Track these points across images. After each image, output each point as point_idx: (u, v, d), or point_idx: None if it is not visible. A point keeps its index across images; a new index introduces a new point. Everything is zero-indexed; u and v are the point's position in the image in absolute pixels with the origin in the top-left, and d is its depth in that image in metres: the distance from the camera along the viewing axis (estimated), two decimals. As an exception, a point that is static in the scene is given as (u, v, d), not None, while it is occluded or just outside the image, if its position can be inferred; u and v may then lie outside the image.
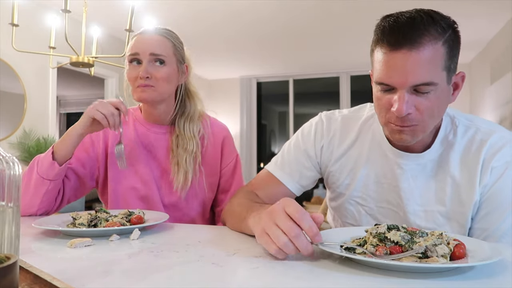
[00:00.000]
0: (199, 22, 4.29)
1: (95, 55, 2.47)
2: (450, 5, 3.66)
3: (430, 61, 0.76)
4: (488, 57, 4.89)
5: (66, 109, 8.10)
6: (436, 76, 0.77)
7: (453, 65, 0.81)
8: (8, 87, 3.42)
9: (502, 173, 0.87)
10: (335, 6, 3.87)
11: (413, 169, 0.92)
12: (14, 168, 0.52)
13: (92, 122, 1.08)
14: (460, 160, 0.89)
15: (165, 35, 1.18)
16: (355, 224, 1.01)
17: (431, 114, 0.80)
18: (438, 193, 0.91)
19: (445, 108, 0.85)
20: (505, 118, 4.21)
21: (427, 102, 0.79)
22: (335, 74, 6.48)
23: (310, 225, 0.65)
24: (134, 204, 1.20)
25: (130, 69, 1.15)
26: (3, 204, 0.50)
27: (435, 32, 0.77)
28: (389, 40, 0.78)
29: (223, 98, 6.99)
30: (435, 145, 0.91)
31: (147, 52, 1.13)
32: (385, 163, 0.95)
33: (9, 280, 0.40)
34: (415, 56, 0.76)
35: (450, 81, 0.82)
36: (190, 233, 0.92)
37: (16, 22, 2.09)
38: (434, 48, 0.76)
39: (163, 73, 1.15)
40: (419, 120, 0.81)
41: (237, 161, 1.32)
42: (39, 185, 1.07)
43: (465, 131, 0.91)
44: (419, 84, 0.77)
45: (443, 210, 0.91)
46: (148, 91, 1.14)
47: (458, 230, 0.91)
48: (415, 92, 0.79)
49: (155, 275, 0.58)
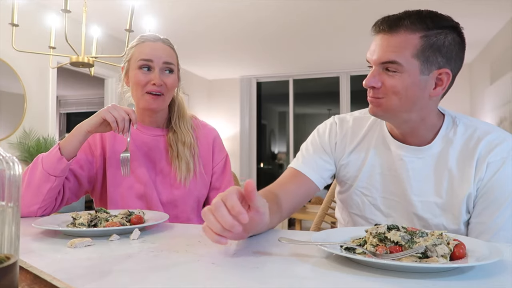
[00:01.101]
0: (199, 22, 4.29)
1: (95, 55, 2.47)
2: (450, 5, 3.66)
3: (399, 45, 0.89)
4: (488, 57, 4.89)
5: (66, 109, 8.10)
6: (401, 58, 0.88)
7: (434, 59, 0.89)
8: (8, 87, 3.42)
9: (499, 168, 0.91)
10: (335, 6, 3.87)
11: (413, 162, 0.99)
12: (14, 168, 0.52)
13: (102, 122, 1.11)
14: (457, 155, 0.96)
15: (170, 45, 1.26)
16: (359, 214, 1.08)
17: (395, 91, 0.91)
18: (436, 185, 0.97)
19: (417, 95, 0.92)
20: (505, 118, 4.21)
21: (392, 80, 0.91)
22: (335, 74, 6.48)
23: (233, 205, 0.64)
24: (133, 203, 1.21)
25: (140, 75, 1.19)
26: (3, 204, 0.50)
27: (415, 26, 0.89)
28: (375, 28, 0.94)
29: (223, 98, 6.98)
30: (436, 141, 0.98)
31: (161, 60, 1.20)
32: (389, 155, 1.03)
33: (9, 280, 0.40)
34: (388, 39, 0.90)
35: (426, 71, 0.90)
36: (190, 233, 0.92)
37: (16, 22, 2.09)
38: (408, 37, 0.89)
39: (172, 81, 1.22)
40: (385, 94, 0.93)
41: (227, 160, 1.38)
42: (44, 181, 1.08)
43: (465, 130, 0.97)
44: (385, 61, 0.90)
45: (439, 201, 0.96)
46: (158, 100, 1.21)
47: (452, 221, 0.95)
48: (385, 71, 0.91)
49: (155, 275, 0.58)
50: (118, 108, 1.12)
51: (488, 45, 4.89)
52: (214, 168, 1.34)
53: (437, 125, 0.99)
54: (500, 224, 0.89)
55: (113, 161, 1.23)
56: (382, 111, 0.95)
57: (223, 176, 1.34)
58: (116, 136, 1.25)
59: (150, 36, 1.25)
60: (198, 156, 1.30)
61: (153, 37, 1.24)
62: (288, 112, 6.85)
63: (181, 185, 1.24)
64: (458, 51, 0.92)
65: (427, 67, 0.90)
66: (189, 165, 1.25)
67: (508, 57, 4.11)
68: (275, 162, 7.72)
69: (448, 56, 0.90)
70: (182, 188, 1.24)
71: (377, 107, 0.96)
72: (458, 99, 5.73)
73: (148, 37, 1.24)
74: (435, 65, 0.90)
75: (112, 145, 1.25)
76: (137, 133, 1.26)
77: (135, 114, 1.14)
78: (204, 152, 1.32)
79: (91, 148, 1.25)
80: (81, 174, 1.21)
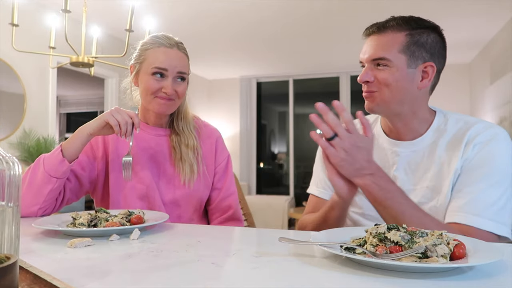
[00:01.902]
0: (199, 22, 4.29)
1: (95, 55, 2.48)
2: (450, 5, 3.66)
3: (386, 43, 1.01)
4: (488, 57, 4.89)
5: (66, 109, 8.10)
6: (390, 54, 0.99)
7: (420, 54, 1.00)
8: (8, 87, 3.42)
9: (483, 148, 0.97)
10: (335, 7, 3.87)
11: (408, 155, 1.06)
12: (14, 168, 0.52)
13: (105, 126, 1.11)
14: (447, 143, 1.03)
15: (184, 51, 1.25)
16: (358, 212, 1.12)
17: (387, 83, 1.00)
18: (428, 171, 1.03)
19: (406, 87, 1.00)
20: (505, 118, 4.21)
21: (383, 73, 1.00)
22: (335, 74, 6.48)
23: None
24: (134, 203, 1.21)
25: (152, 81, 1.18)
26: (3, 204, 0.50)
27: (401, 26, 1.01)
28: (366, 32, 1.06)
29: (223, 98, 6.98)
30: (428, 133, 1.06)
31: (175, 70, 1.20)
32: (383, 154, 1.10)
33: (9, 280, 0.40)
34: (377, 39, 1.02)
35: (413, 65, 1.00)
36: (190, 233, 0.93)
37: (16, 22, 2.09)
38: (394, 35, 1.01)
39: (184, 89, 1.23)
40: (378, 87, 1.02)
41: (229, 160, 1.38)
42: (46, 183, 1.08)
43: (455, 123, 1.05)
44: (375, 58, 1.01)
45: (431, 185, 1.02)
46: (170, 105, 1.22)
47: (443, 201, 0.99)
48: (376, 66, 1.01)
49: (155, 275, 0.58)
50: (121, 112, 1.12)
51: (488, 45, 4.89)
52: (216, 168, 1.33)
53: (429, 119, 1.07)
54: (473, 194, 0.94)
55: (116, 165, 1.23)
56: (377, 104, 1.03)
57: (225, 177, 1.34)
58: (119, 138, 1.25)
59: (165, 39, 1.21)
60: (202, 157, 1.30)
61: (168, 42, 1.21)
62: (288, 112, 6.85)
63: (185, 186, 1.24)
64: (440, 48, 1.03)
65: (413, 61, 1.00)
66: (193, 167, 1.25)
67: (508, 57, 4.11)
68: (275, 162, 7.72)
69: (431, 51, 1.01)
70: (185, 189, 1.24)
71: (372, 102, 1.04)
72: (458, 99, 5.73)
73: (163, 41, 1.21)
74: (421, 59, 1.01)
75: (115, 148, 1.25)
76: (141, 133, 1.26)
77: (138, 118, 1.14)
78: (206, 153, 1.32)
79: (93, 149, 1.25)
80: (82, 174, 1.21)
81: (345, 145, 0.86)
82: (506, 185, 0.94)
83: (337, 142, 0.86)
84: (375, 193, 0.89)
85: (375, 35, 1.03)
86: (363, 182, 0.89)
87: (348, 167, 0.88)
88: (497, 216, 0.91)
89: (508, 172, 0.95)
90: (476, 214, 0.91)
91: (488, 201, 0.92)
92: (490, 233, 0.90)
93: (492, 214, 0.91)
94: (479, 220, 0.91)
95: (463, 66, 5.82)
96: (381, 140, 1.12)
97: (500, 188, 0.93)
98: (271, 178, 7.40)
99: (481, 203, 0.92)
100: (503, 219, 0.92)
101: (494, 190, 0.93)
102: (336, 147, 0.87)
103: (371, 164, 0.89)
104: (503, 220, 0.92)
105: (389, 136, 1.11)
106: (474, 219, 0.91)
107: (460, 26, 4.28)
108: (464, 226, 0.91)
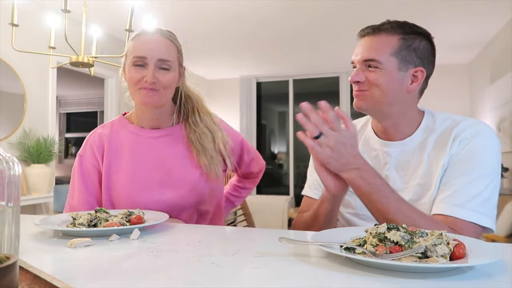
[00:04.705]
0: (199, 22, 4.29)
1: (95, 55, 2.47)
2: (450, 5, 3.66)
3: (379, 45, 1.03)
4: (488, 57, 4.89)
5: (66, 109, 8.10)
6: (381, 57, 1.01)
7: (411, 58, 1.02)
8: (8, 87, 3.42)
9: (469, 143, 0.99)
10: (335, 7, 3.87)
11: (399, 155, 1.08)
12: (14, 168, 0.52)
13: None
14: (436, 141, 1.04)
15: (170, 38, 1.17)
16: (352, 212, 1.13)
17: (377, 84, 1.02)
18: (417, 170, 1.05)
19: (396, 89, 1.03)
20: (505, 118, 4.21)
21: (374, 75, 1.02)
22: (335, 74, 6.48)
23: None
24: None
25: (133, 72, 1.13)
26: (3, 204, 0.50)
27: (394, 30, 1.03)
28: (360, 33, 1.08)
29: (223, 98, 6.98)
30: (417, 133, 1.08)
31: (155, 58, 1.12)
32: (375, 155, 1.12)
33: (9, 280, 0.40)
34: (370, 41, 1.05)
35: (403, 69, 1.02)
36: (190, 233, 0.93)
37: (16, 22, 2.09)
38: (387, 39, 1.03)
39: (168, 79, 1.14)
40: (368, 87, 1.04)
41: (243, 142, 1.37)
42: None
43: (443, 121, 1.07)
44: (367, 59, 1.03)
45: (421, 182, 1.03)
46: (153, 96, 1.13)
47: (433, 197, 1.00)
48: (368, 67, 1.03)
49: (155, 275, 0.58)
50: None
51: (488, 45, 4.89)
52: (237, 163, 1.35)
53: (418, 120, 1.09)
54: (458, 186, 0.95)
55: (108, 168, 1.21)
56: (366, 103, 1.05)
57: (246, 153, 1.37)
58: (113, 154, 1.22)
59: (148, 30, 1.17)
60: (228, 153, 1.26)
61: (150, 31, 1.16)
62: (288, 112, 6.85)
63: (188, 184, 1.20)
64: (430, 55, 1.05)
65: (404, 65, 1.02)
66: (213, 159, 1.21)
67: (508, 57, 4.11)
68: (275, 162, 7.72)
69: (422, 57, 1.04)
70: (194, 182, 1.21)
71: (361, 100, 1.06)
72: (458, 99, 5.73)
73: (145, 31, 1.16)
74: (412, 64, 1.03)
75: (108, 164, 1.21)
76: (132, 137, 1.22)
77: None
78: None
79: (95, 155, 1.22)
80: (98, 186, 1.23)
81: (330, 143, 0.90)
82: (490, 178, 0.96)
83: (322, 140, 0.90)
84: (361, 187, 0.92)
85: (369, 37, 1.05)
86: (350, 176, 0.92)
87: (335, 163, 0.92)
88: (481, 207, 0.93)
89: (493, 165, 0.97)
90: (460, 206, 0.93)
91: (472, 193, 0.94)
92: (474, 224, 0.92)
93: (476, 206, 0.93)
94: (463, 211, 0.92)
95: (463, 66, 5.82)
96: (372, 141, 1.14)
97: (484, 181, 0.95)
98: (271, 178, 7.40)
99: (465, 195, 0.94)
100: (487, 210, 0.93)
101: (479, 183, 0.95)
102: (322, 145, 0.91)
103: (357, 159, 0.92)
104: (487, 212, 0.93)
105: (380, 137, 1.13)
106: (458, 210, 0.93)
107: (460, 26, 4.28)
108: (449, 217, 0.93)
